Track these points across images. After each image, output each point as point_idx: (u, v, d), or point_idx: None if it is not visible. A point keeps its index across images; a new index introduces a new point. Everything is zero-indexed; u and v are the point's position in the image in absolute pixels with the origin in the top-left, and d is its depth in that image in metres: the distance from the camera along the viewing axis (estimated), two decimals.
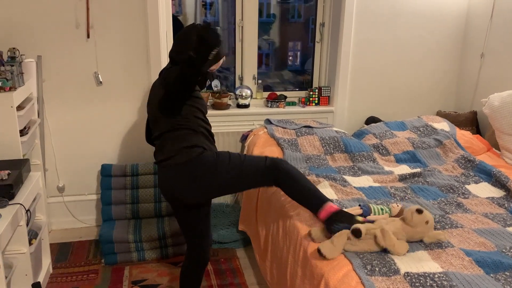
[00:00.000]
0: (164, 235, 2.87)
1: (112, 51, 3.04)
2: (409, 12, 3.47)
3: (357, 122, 3.66)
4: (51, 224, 3.26)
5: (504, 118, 2.83)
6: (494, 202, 2.27)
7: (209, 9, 3.68)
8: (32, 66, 2.86)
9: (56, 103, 3.06)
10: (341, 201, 2.20)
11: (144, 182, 3.08)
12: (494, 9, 3.28)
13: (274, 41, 3.85)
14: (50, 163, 3.16)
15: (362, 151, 2.85)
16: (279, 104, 3.51)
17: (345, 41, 3.41)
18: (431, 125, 3.15)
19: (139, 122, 3.23)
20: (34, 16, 2.87)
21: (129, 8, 2.98)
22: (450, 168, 2.69)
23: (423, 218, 1.79)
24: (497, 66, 3.29)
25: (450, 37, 3.62)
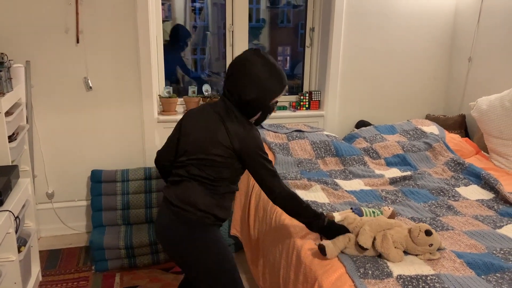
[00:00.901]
0: (155, 241, 2.85)
1: (102, 56, 3.02)
2: (398, 17, 3.51)
3: (347, 126, 3.68)
4: (40, 231, 3.21)
5: (492, 121, 2.87)
6: (484, 204, 2.29)
7: (199, 14, 3.68)
8: (20, 72, 2.84)
9: (45, 109, 3.03)
10: (333, 205, 2.20)
11: (135, 188, 3.06)
12: (481, 14, 3.33)
13: (264, 45, 3.86)
14: (39, 169, 3.13)
15: (353, 154, 2.87)
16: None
17: (335, 46, 3.43)
18: (421, 128, 3.17)
19: (129, 128, 3.21)
20: (23, 21, 2.85)
21: (119, 13, 2.97)
22: (440, 171, 2.72)
23: (429, 240, 1.73)
24: (484, 70, 3.34)
25: (438, 41, 3.66)
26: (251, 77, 1.73)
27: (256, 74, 1.72)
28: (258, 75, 1.72)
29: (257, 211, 2.47)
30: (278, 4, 3.75)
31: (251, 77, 1.73)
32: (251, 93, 1.73)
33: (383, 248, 1.71)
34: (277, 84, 1.76)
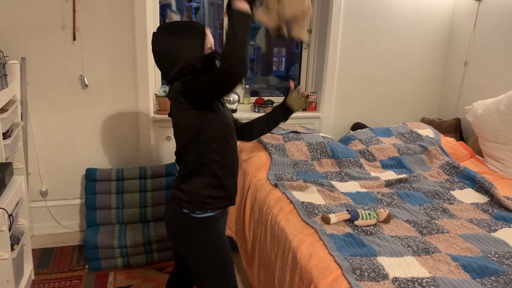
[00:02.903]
0: (150, 241, 2.84)
1: (98, 54, 3.00)
2: (395, 20, 3.52)
3: (343, 128, 3.68)
4: (33, 229, 3.19)
5: (487, 125, 2.89)
6: (479, 207, 2.30)
7: (195, 14, 3.68)
8: (16, 68, 2.81)
9: (40, 106, 3.01)
10: (329, 206, 2.20)
11: (130, 187, 3.04)
12: (477, 18, 3.35)
13: (260, 46, 3.86)
14: (33, 167, 3.10)
15: (349, 156, 2.87)
16: (266, 109, 3.51)
17: (332, 48, 3.44)
18: (416, 131, 3.18)
19: (124, 126, 3.19)
20: (19, 17, 2.83)
21: (116, 11, 2.96)
22: (435, 174, 2.73)
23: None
24: (480, 74, 3.36)
25: (434, 45, 3.68)
26: (167, 47, 1.68)
27: (168, 41, 1.68)
28: (169, 41, 1.67)
29: (252, 211, 2.46)
30: None
31: (167, 47, 1.68)
32: (174, 62, 1.69)
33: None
34: (195, 28, 1.69)
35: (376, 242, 1.87)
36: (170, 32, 1.70)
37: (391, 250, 1.80)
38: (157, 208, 3.05)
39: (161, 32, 1.71)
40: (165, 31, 1.70)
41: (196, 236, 1.77)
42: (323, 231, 1.93)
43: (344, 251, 1.80)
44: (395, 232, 1.99)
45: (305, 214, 2.11)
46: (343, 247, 1.83)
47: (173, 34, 1.69)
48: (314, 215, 2.10)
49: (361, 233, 1.96)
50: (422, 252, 1.81)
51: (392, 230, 2.01)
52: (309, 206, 2.18)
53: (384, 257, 1.75)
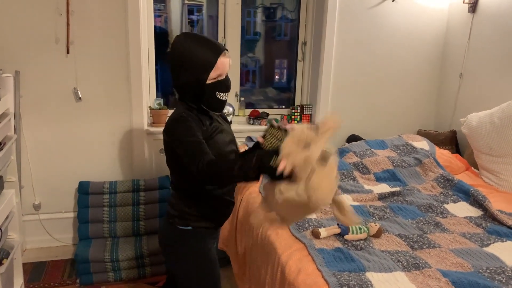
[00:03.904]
0: (142, 255, 2.81)
1: (92, 67, 3.01)
2: (389, 32, 3.53)
3: (338, 140, 3.67)
4: (26, 243, 3.17)
5: (482, 137, 2.87)
6: (472, 221, 2.27)
7: (196, 26, 3.69)
8: (9, 81, 2.82)
9: (33, 119, 3.01)
10: (320, 220, 2.18)
11: (122, 200, 3.02)
12: (471, 31, 3.35)
13: (259, 58, 3.87)
14: (26, 180, 3.09)
15: (343, 169, 2.85)
16: (261, 121, 3.50)
17: (327, 60, 3.44)
18: (411, 143, 3.16)
19: (118, 139, 3.19)
20: (13, 31, 2.84)
21: (110, 24, 2.97)
22: (429, 187, 2.70)
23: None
24: (475, 87, 3.35)
25: (429, 57, 3.68)
26: (176, 60, 1.66)
27: (178, 55, 1.65)
28: (179, 55, 1.64)
29: (243, 225, 2.44)
30: (273, 18, 3.76)
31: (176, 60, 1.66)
32: (178, 78, 1.68)
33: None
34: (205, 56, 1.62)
35: (365, 257, 1.84)
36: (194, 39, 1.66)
37: (381, 265, 1.78)
38: (150, 222, 3.03)
39: (187, 36, 1.69)
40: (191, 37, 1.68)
41: (180, 249, 1.77)
42: (312, 246, 1.91)
43: (332, 266, 1.77)
44: (385, 246, 1.97)
45: (295, 228, 2.08)
46: (332, 262, 1.80)
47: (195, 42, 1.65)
48: (304, 229, 2.08)
49: (351, 248, 1.94)
50: (412, 268, 1.78)
51: (382, 244, 1.99)
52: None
53: (373, 273, 1.73)
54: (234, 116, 3.54)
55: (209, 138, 1.70)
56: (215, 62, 1.64)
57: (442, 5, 3.58)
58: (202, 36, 1.71)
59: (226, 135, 1.81)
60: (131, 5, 2.95)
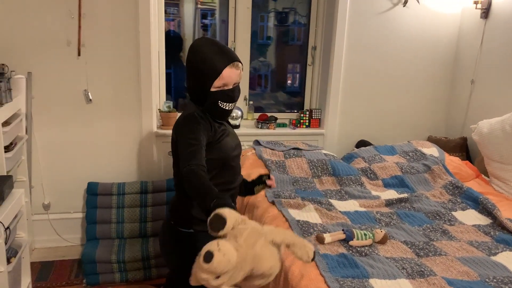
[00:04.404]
0: (148, 256, 2.82)
1: (102, 69, 3.04)
2: (399, 37, 3.50)
3: (347, 145, 3.65)
4: (35, 242, 3.20)
5: (493, 145, 2.83)
6: (480, 229, 2.24)
7: (209, 30, 3.71)
8: (22, 83, 2.86)
9: (44, 120, 3.05)
10: (325, 225, 2.17)
11: (130, 201, 3.04)
12: (484, 36, 3.31)
13: (270, 63, 3.87)
14: (37, 180, 3.13)
15: (350, 174, 2.83)
16: (269, 125, 3.50)
17: (336, 65, 3.43)
18: (420, 150, 3.13)
19: (127, 141, 3.21)
20: (27, 33, 2.88)
21: (121, 27, 3.00)
22: (437, 194, 2.67)
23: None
24: (487, 93, 3.30)
25: (440, 63, 3.64)
26: (188, 63, 1.69)
27: (190, 59, 1.68)
28: (192, 59, 1.67)
29: None
30: (286, 23, 3.77)
31: (188, 63, 1.70)
32: (189, 81, 1.71)
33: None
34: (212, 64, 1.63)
35: (369, 264, 1.83)
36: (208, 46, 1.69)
37: (385, 272, 1.76)
38: (157, 224, 3.04)
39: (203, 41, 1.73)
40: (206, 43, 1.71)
41: (180, 250, 1.76)
42: (316, 251, 1.90)
43: (336, 272, 1.76)
44: (390, 253, 1.95)
45: (299, 233, 2.08)
46: (336, 267, 1.79)
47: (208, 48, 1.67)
48: (309, 234, 2.07)
49: (355, 254, 1.92)
50: (417, 275, 1.76)
51: (387, 251, 1.97)
52: (305, 225, 2.15)
53: (376, 279, 1.71)
54: (243, 119, 3.54)
55: (217, 141, 1.72)
56: (221, 71, 1.65)
57: (454, 10, 3.54)
58: (218, 43, 1.72)
59: (232, 139, 1.82)
60: (142, 8, 2.98)
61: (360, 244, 1.99)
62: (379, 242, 2.03)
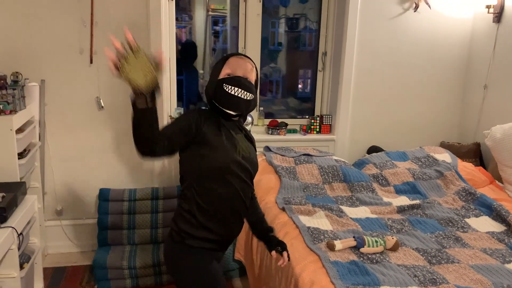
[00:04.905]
0: (159, 262, 2.83)
1: (114, 77, 3.06)
2: (411, 42, 3.48)
3: (359, 151, 3.62)
4: (48, 248, 3.23)
5: (507, 150, 2.79)
6: (494, 237, 2.20)
7: (220, 37, 3.74)
8: (35, 90, 2.91)
9: (57, 127, 3.08)
10: (336, 232, 2.15)
11: (141, 207, 3.06)
12: (496, 41, 3.28)
13: (281, 69, 3.88)
14: (49, 186, 3.17)
15: (361, 181, 2.82)
16: (280, 131, 3.50)
17: (347, 70, 3.42)
18: (433, 156, 3.10)
19: None
20: (40, 42, 2.93)
21: (133, 35, 3.02)
22: (450, 201, 2.64)
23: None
24: (500, 98, 3.26)
25: (453, 68, 3.61)
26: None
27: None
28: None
29: None
30: (296, 29, 3.78)
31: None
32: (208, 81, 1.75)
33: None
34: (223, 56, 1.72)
35: (381, 271, 1.81)
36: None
37: (396, 279, 1.74)
38: (168, 230, 3.04)
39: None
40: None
41: (181, 264, 1.69)
42: (327, 258, 1.89)
43: (346, 279, 1.75)
44: (402, 260, 1.93)
45: (310, 240, 2.07)
46: (346, 275, 1.78)
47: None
48: (320, 241, 2.06)
49: (366, 261, 1.91)
50: (429, 283, 1.74)
51: (399, 258, 1.95)
52: (315, 231, 2.14)
53: (387, 287, 1.69)
54: (253, 125, 3.55)
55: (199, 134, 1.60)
56: (227, 58, 1.69)
57: (466, 15, 3.51)
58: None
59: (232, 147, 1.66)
60: (153, 16, 3.01)
61: (371, 251, 1.97)
62: (391, 249, 2.01)
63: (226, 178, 1.62)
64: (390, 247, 2.00)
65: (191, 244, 1.64)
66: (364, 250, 1.96)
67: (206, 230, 1.64)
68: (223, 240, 1.71)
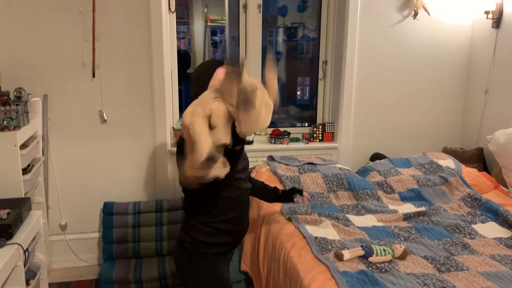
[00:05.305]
0: (165, 275, 2.82)
1: (117, 90, 3.08)
2: (411, 49, 3.50)
3: (361, 158, 3.63)
4: (52, 263, 3.22)
5: (510, 155, 2.79)
6: (502, 243, 2.20)
7: (219, 47, 3.75)
8: (38, 105, 2.91)
9: (60, 141, 3.09)
10: (343, 242, 2.15)
11: (146, 220, 3.05)
12: (496, 46, 3.30)
13: (281, 77, 3.89)
14: (53, 200, 3.16)
15: (366, 189, 2.81)
16: (283, 140, 3.50)
17: (348, 78, 3.43)
18: (436, 162, 3.10)
19: (142, 160, 3.23)
20: (42, 56, 2.94)
21: (134, 47, 3.04)
22: (456, 207, 2.63)
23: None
24: (501, 103, 3.27)
25: (453, 73, 3.62)
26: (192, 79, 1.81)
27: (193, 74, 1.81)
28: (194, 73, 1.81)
29: (266, 246, 2.42)
30: (295, 37, 3.80)
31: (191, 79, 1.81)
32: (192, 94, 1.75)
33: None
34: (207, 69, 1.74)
35: (390, 280, 1.80)
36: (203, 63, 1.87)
37: None
38: (173, 242, 3.04)
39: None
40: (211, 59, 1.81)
41: (192, 270, 1.78)
42: (336, 268, 1.88)
43: None
44: (411, 269, 1.92)
45: (318, 250, 2.06)
46: (356, 285, 1.77)
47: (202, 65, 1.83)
48: (327, 251, 2.05)
49: (375, 270, 1.90)
50: None
51: (408, 267, 1.94)
52: (323, 241, 2.13)
53: None
54: (256, 135, 3.55)
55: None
56: (214, 69, 1.73)
57: (465, 21, 3.53)
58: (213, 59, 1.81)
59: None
60: (155, 29, 3.03)
61: (379, 260, 1.96)
62: (399, 257, 2.00)
63: (234, 184, 1.75)
64: (398, 255, 1.99)
65: (205, 251, 1.76)
66: (373, 259, 1.96)
67: (221, 233, 1.77)
68: (236, 239, 1.87)
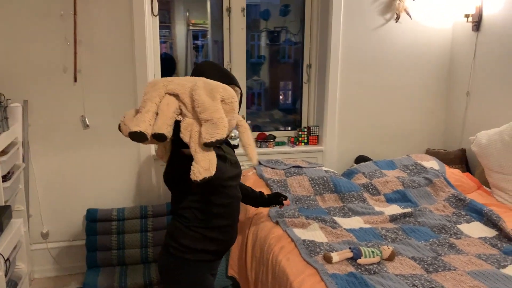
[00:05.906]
0: (151, 282, 2.77)
1: (99, 94, 3.03)
2: (394, 52, 3.53)
3: (346, 161, 3.64)
4: (34, 273, 3.14)
5: (492, 156, 2.83)
6: (487, 242, 2.22)
7: (201, 51, 3.72)
8: (18, 111, 2.84)
9: (42, 147, 3.02)
10: (331, 244, 2.14)
11: (131, 227, 3.00)
12: (476, 49, 3.35)
13: (264, 81, 3.89)
14: (34, 208, 3.08)
15: (352, 191, 2.82)
16: (268, 144, 3.49)
17: (332, 82, 3.44)
18: (420, 163, 3.13)
19: (125, 166, 3.18)
20: (22, 61, 2.87)
21: (116, 52, 3.00)
22: (441, 208, 2.66)
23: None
24: (483, 104, 3.33)
25: (435, 76, 3.67)
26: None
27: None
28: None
29: (254, 251, 2.40)
30: (277, 41, 3.80)
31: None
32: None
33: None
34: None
35: (379, 282, 1.80)
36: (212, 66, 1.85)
37: None
38: (158, 249, 2.99)
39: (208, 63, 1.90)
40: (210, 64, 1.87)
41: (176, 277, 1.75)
42: (325, 271, 1.87)
43: None
44: (399, 270, 1.92)
45: (306, 253, 2.05)
46: (346, 287, 1.76)
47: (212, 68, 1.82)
48: (316, 253, 2.04)
49: (364, 272, 1.90)
50: None
51: (396, 268, 1.94)
52: (311, 244, 2.12)
53: None
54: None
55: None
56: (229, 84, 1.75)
57: (446, 24, 3.59)
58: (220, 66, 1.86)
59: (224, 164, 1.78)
60: (138, 32, 2.99)
61: (368, 262, 1.96)
62: (387, 259, 2.00)
63: (223, 191, 1.76)
64: (386, 257, 2.00)
65: (191, 258, 1.73)
66: (361, 261, 1.96)
67: (207, 240, 1.74)
68: (223, 249, 1.83)
